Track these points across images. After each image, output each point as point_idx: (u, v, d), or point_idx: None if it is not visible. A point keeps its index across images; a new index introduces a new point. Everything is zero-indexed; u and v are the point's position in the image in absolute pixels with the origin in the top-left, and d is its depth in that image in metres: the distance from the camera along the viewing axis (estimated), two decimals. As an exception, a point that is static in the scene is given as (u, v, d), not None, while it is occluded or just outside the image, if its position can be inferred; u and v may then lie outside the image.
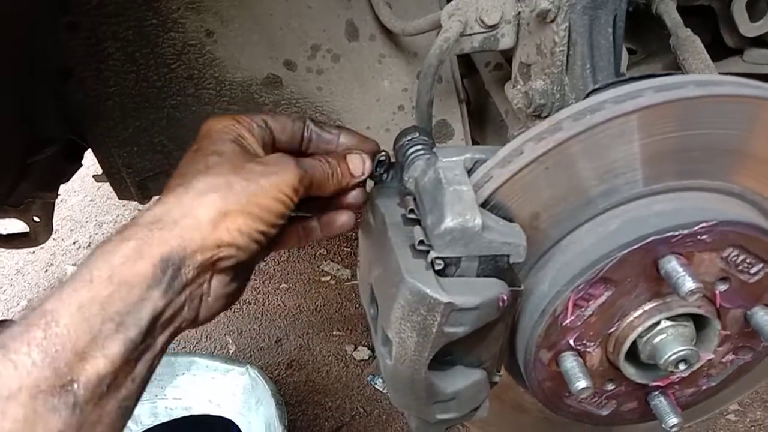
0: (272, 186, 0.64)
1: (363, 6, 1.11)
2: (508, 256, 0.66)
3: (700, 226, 0.66)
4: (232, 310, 2.19)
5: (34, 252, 2.74)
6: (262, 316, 2.15)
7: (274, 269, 2.32)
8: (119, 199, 1.29)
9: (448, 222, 0.63)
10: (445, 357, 0.71)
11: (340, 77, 1.17)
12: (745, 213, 0.70)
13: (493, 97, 1.21)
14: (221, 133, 0.68)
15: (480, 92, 1.35)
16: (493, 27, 0.90)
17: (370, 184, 0.83)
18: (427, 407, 0.73)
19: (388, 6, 1.09)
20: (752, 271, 0.71)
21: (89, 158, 1.29)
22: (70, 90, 1.14)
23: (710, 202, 0.70)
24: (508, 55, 1.13)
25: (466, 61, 1.31)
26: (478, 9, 0.88)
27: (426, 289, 0.63)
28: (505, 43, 0.92)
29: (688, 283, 0.64)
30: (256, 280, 2.28)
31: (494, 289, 0.65)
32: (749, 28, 1.21)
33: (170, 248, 0.59)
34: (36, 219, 1.23)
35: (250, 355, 2.02)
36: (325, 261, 2.33)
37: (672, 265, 0.66)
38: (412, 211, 0.70)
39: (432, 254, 0.65)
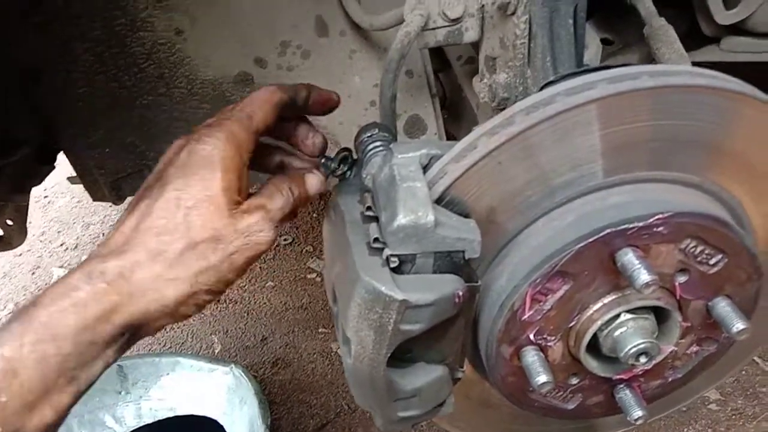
0: (246, 260, 0.65)
1: (332, 1, 1.10)
2: (463, 251, 0.65)
3: (656, 218, 0.65)
4: (218, 309, 2.19)
5: (21, 255, 2.74)
6: (247, 314, 2.15)
7: (260, 267, 2.32)
8: (93, 200, 1.28)
9: (401, 219, 0.63)
10: (405, 354, 0.71)
11: (311, 73, 1.16)
12: (702, 204, 0.70)
13: (465, 91, 1.21)
14: (215, 165, 0.64)
15: (455, 86, 1.35)
16: (457, 20, 0.89)
17: (333, 181, 0.83)
18: (388, 405, 0.72)
19: (357, 1, 1.08)
20: (711, 262, 0.70)
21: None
22: (40, 91, 1.14)
23: (667, 193, 0.70)
24: (478, 50, 1.13)
25: (440, 56, 1.30)
26: (441, 3, 0.87)
27: (381, 287, 0.63)
28: (470, 36, 0.91)
29: (643, 276, 0.63)
30: (242, 278, 2.27)
31: (450, 285, 0.65)
32: (724, 17, 1.21)
33: (134, 318, 0.61)
34: (9, 222, 1.22)
35: (236, 354, 2.02)
36: (312, 258, 2.32)
37: (628, 257, 0.65)
38: (369, 208, 0.70)
39: (386, 251, 0.64)
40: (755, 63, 1.31)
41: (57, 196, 3.07)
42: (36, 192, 3.05)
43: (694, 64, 1.05)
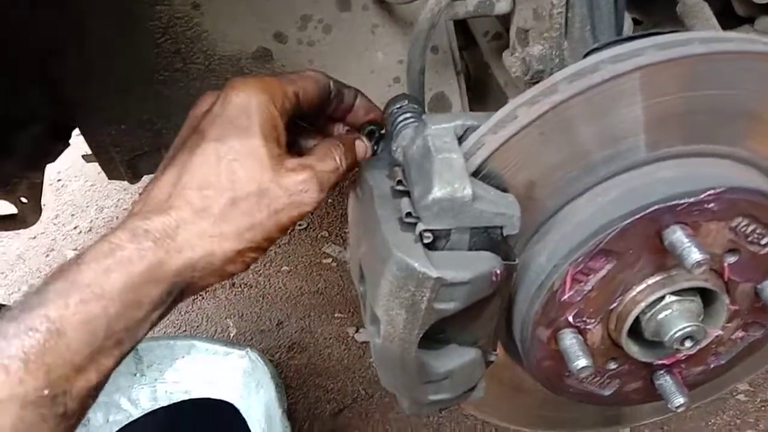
0: (290, 219, 0.64)
1: (355, -26, 1.06)
2: (501, 227, 0.62)
3: (707, 193, 0.61)
4: (233, 293, 2.17)
5: (35, 237, 2.73)
6: (263, 299, 2.12)
7: (275, 252, 2.29)
8: (109, 179, 1.25)
9: (436, 192, 0.59)
10: (437, 335, 0.68)
11: (333, 49, 1.12)
12: (755, 180, 0.66)
13: (492, 68, 1.17)
14: (251, 113, 0.62)
15: (480, 65, 1.30)
16: (489, -10, 0.85)
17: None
18: (418, 388, 0.70)
19: (380, -27, 1.04)
20: (763, 242, 0.67)
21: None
22: (54, 67, 1.11)
23: (718, 168, 0.66)
24: (507, 24, 1.09)
25: (465, 33, 1.26)
26: (472, -30, 0.83)
27: (414, 264, 0.59)
28: (501, 7, 0.87)
29: (695, 255, 0.60)
30: (257, 263, 2.24)
31: (487, 262, 0.61)
32: (760, -6, 1.16)
33: (180, 275, 0.59)
34: (23, 200, 1.20)
35: (251, 338, 2.00)
36: (327, 243, 2.29)
37: (677, 235, 0.62)
38: (400, 182, 0.66)
39: (420, 226, 0.61)
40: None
41: (71, 179, 3.06)
42: (49, 175, 3.06)
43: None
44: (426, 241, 0.61)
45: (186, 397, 1.79)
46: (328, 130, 0.78)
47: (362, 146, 0.73)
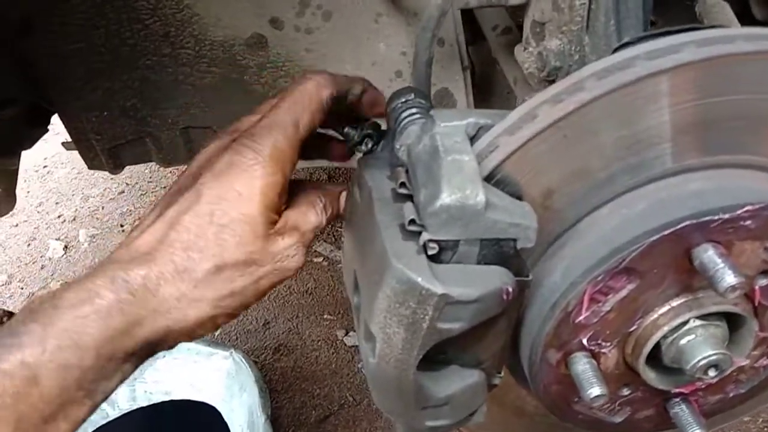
0: (271, 285, 0.62)
1: (359, -42, 1.00)
2: (515, 240, 0.55)
3: (745, 209, 0.55)
4: (219, 290, 2.10)
5: (17, 225, 2.65)
6: (250, 297, 2.05)
7: (264, 248, 2.22)
8: (89, 168, 1.18)
9: (445, 198, 0.53)
10: (438, 355, 0.61)
11: (332, 38, 1.06)
12: (795, 196, 0.60)
13: (500, 64, 1.10)
14: (256, 182, 0.59)
15: (486, 61, 1.24)
16: (503, -22, 0.78)
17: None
18: (415, 413, 0.63)
19: (386, -42, 0.98)
20: (799, 264, 0.60)
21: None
22: (31, 46, 1.03)
23: (756, 181, 0.59)
24: (518, 18, 1.02)
25: (471, 27, 1.19)
26: (487, -44, 0.77)
27: (416, 278, 0.53)
28: (517, -3, 0.80)
29: (729, 278, 0.54)
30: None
31: (497, 279, 0.55)
32: (782, -2, 1.10)
33: (155, 335, 0.57)
34: (-3, 188, 1.12)
35: (237, 338, 1.93)
36: (318, 241, 2.22)
37: (709, 255, 0.55)
38: (403, 184, 0.60)
39: (425, 236, 0.54)
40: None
41: (57, 166, 2.97)
42: (35, 161, 2.97)
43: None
44: (431, 252, 0.55)
45: (166, 398, 1.72)
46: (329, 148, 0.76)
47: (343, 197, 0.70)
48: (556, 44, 0.76)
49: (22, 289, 2.32)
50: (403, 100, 0.67)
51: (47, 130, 1.17)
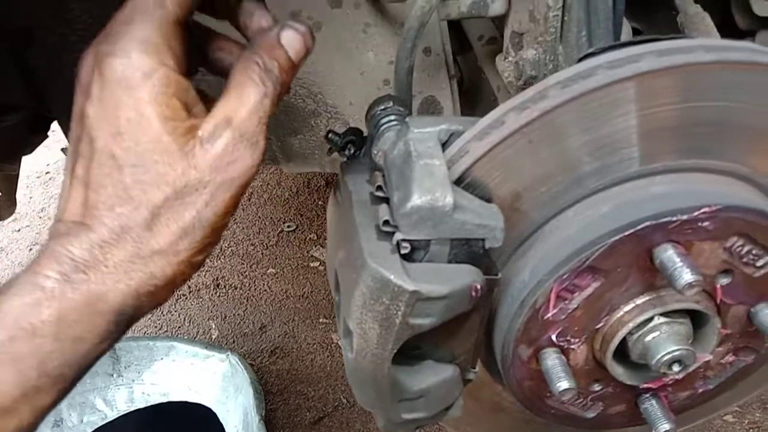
0: (229, 200, 0.53)
1: (347, -30, 1.03)
2: (483, 240, 0.58)
3: (702, 211, 0.58)
4: (217, 294, 2.13)
5: (19, 230, 2.68)
6: (247, 301, 2.08)
7: (262, 253, 2.26)
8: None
9: (416, 199, 0.56)
10: (413, 350, 0.64)
11: (322, 47, 1.09)
12: (753, 198, 0.63)
13: (486, 72, 1.13)
14: (138, 92, 0.49)
15: (474, 70, 1.27)
16: (483, -10, 0.82)
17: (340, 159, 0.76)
18: (391, 406, 0.66)
19: (373, -30, 1.01)
20: (758, 263, 0.63)
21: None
22: (33, 55, 1.07)
23: (715, 185, 0.62)
24: (502, 27, 1.05)
25: (459, 37, 1.22)
26: (466, -30, 0.80)
27: (389, 276, 0.56)
28: (496, 8, 0.84)
29: (686, 275, 0.56)
30: (242, 264, 2.21)
31: (466, 277, 0.58)
32: (763, 7, 1.13)
33: (126, 305, 0.52)
34: (-2, 192, 1.16)
35: (233, 341, 1.96)
36: (315, 246, 2.26)
37: (668, 254, 0.58)
38: (380, 188, 0.63)
39: (398, 236, 0.58)
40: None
41: (59, 172, 3.01)
42: (38, 168, 3.01)
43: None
44: (403, 251, 0.58)
45: (163, 400, 1.75)
46: (235, 18, 0.61)
47: (293, 36, 0.55)
48: (532, 54, 0.80)
49: (23, 293, 2.35)
50: (382, 107, 0.70)
51: (47, 137, 1.21)
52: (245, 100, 0.52)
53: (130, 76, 0.48)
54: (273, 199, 2.47)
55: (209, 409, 1.67)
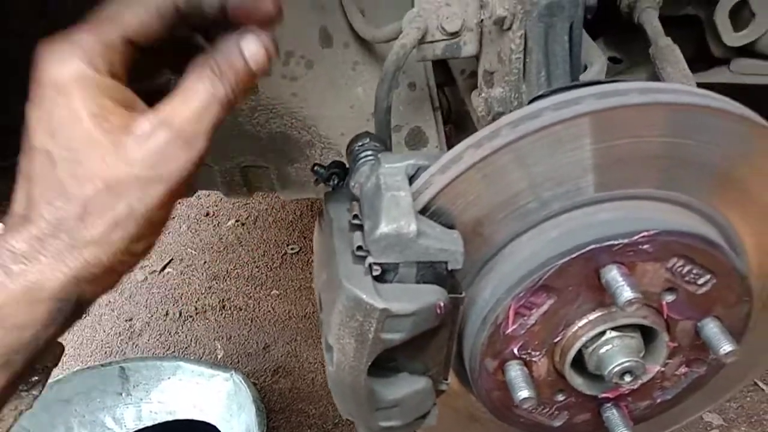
0: (163, 197, 0.54)
1: (337, 13, 1.12)
2: (446, 262, 0.65)
3: (641, 235, 0.65)
4: (223, 315, 2.20)
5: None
6: (251, 322, 2.15)
7: (266, 275, 2.33)
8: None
9: (383, 227, 0.63)
10: (388, 363, 0.71)
11: (314, 84, 1.18)
12: (690, 223, 0.69)
13: (467, 105, 1.21)
14: (69, 92, 0.52)
15: (460, 101, 1.35)
16: (455, 34, 0.89)
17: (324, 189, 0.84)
18: (369, 414, 0.72)
19: (360, 13, 1.09)
20: (699, 282, 0.70)
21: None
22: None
23: (655, 211, 0.69)
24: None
25: (447, 70, 1.31)
26: (439, 16, 0.88)
27: (362, 295, 0.63)
28: (468, 50, 0.91)
29: (626, 293, 0.63)
30: (247, 286, 2.29)
31: (432, 295, 0.65)
32: (733, 38, 1.20)
33: (68, 293, 0.54)
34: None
35: (238, 361, 2.03)
36: (317, 268, 2.32)
37: (612, 274, 0.65)
38: (356, 216, 0.70)
39: (369, 259, 0.65)
40: (766, 86, 1.30)
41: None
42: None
43: (703, 85, 1.04)
44: (375, 273, 0.65)
45: (170, 418, 1.82)
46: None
47: (253, 42, 0.56)
48: (500, 92, 0.87)
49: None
50: (360, 143, 0.78)
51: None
52: (189, 102, 0.53)
53: (62, 79, 0.52)
54: (277, 222, 2.55)
55: (214, 427, 1.73)
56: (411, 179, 0.69)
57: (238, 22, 0.57)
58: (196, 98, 0.54)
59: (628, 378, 0.70)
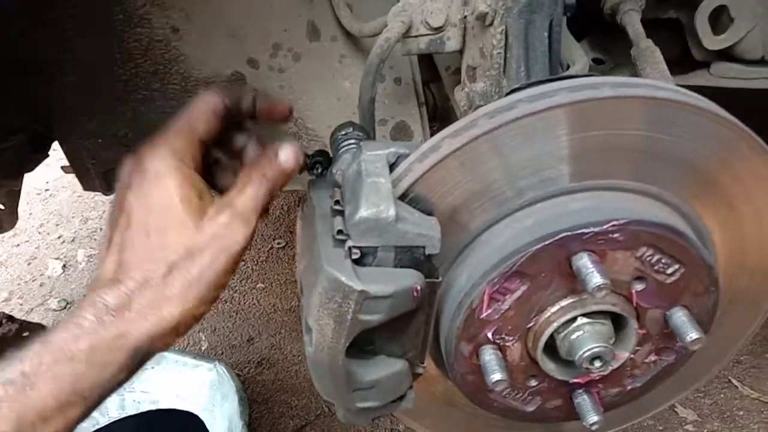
0: (226, 264, 0.69)
1: (325, 7, 1.13)
2: (423, 247, 0.68)
3: (611, 224, 0.67)
4: (208, 307, 2.21)
5: (18, 245, 2.77)
6: (236, 314, 2.17)
7: (252, 269, 2.34)
8: (84, 189, 1.31)
9: (363, 212, 0.65)
10: (367, 346, 0.73)
11: (301, 76, 1.19)
12: (661, 214, 0.72)
13: (452, 100, 1.23)
14: (165, 182, 0.68)
15: (445, 97, 1.37)
16: (439, 29, 0.92)
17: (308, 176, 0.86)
18: (347, 395, 0.74)
19: (348, 8, 1.11)
20: (668, 271, 0.72)
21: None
22: (36, 82, 1.17)
23: (627, 202, 0.72)
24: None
25: (433, 67, 1.33)
26: (424, 11, 0.90)
27: (341, 277, 0.65)
28: (451, 45, 0.94)
29: (596, 279, 0.65)
30: (232, 279, 2.29)
31: (409, 279, 0.67)
32: (712, 42, 1.23)
33: (140, 341, 0.66)
34: (1, 207, 1.25)
35: (222, 353, 2.04)
36: (303, 262, 2.34)
37: (583, 261, 0.67)
38: (337, 202, 0.72)
39: (349, 243, 0.67)
40: (744, 89, 1.33)
41: (59, 189, 3.11)
42: (38, 185, 3.11)
43: (685, 87, 1.07)
44: (354, 257, 0.67)
45: (153, 407, 1.82)
46: (231, 145, 0.81)
47: (287, 150, 0.74)
48: (481, 86, 0.90)
49: (21, 305, 2.44)
50: (343, 132, 0.80)
51: (48, 155, 1.30)
52: (245, 192, 0.71)
53: (161, 170, 0.68)
54: (264, 217, 2.57)
55: (197, 417, 1.74)
56: (392, 167, 0.71)
57: (263, 119, 0.81)
58: (249, 189, 0.71)
59: (597, 363, 0.73)
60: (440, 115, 1.41)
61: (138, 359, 0.67)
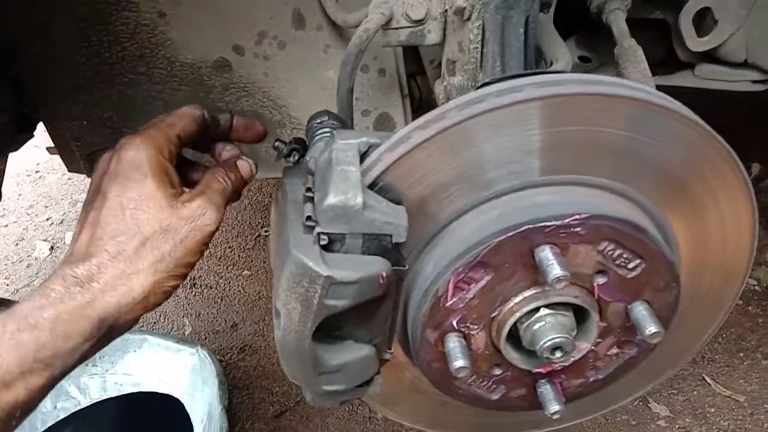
0: (197, 243, 0.74)
1: (311, -4, 1.14)
2: (390, 235, 0.69)
3: (573, 218, 0.69)
4: (193, 293, 2.22)
5: (7, 226, 2.77)
6: (221, 300, 2.18)
7: (238, 256, 2.35)
8: (68, 171, 1.32)
9: (331, 199, 0.66)
10: (335, 331, 0.74)
11: (286, 64, 1.20)
12: (623, 210, 0.73)
13: (435, 93, 1.24)
14: (142, 166, 0.74)
15: (430, 90, 1.39)
16: (419, 22, 0.93)
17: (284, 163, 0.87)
18: (313, 378, 0.76)
19: (334, -2, 1.12)
20: (630, 266, 0.74)
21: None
22: (21, 63, 1.17)
23: (592, 197, 0.73)
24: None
25: (418, 60, 1.34)
26: (405, 4, 0.91)
27: (308, 262, 0.66)
28: (431, 38, 0.95)
29: (555, 270, 0.67)
30: (219, 265, 2.31)
31: (375, 266, 0.68)
32: (696, 43, 1.25)
33: (107, 311, 0.69)
34: (-16, 185, 1.25)
35: (205, 338, 2.05)
36: (290, 251, 2.35)
37: (544, 253, 0.69)
38: (309, 189, 0.74)
39: (317, 229, 0.68)
40: (729, 91, 1.35)
41: (48, 171, 3.11)
42: (28, 166, 3.11)
43: (669, 88, 1.08)
44: (322, 243, 0.68)
45: (135, 390, 1.83)
46: (212, 151, 0.92)
47: (245, 164, 0.85)
48: (459, 80, 0.91)
49: (7, 285, 2.44)
50: (318, 121, 0.81)
51: (33, 136, 1.31)
52: (212, 188, 0.78)
53: (139, 158, 0.74)
54: (253, 204, 2.58)
55: (177, 400, 1.76)
56: (364, 156, 0.73)
57: (239, 135, 0.92)
58: (214, 185, 0.79)
59: (558, 354, 0.75)
60: (425, 108, 1.42)
61: (104, 330, 0.69)
